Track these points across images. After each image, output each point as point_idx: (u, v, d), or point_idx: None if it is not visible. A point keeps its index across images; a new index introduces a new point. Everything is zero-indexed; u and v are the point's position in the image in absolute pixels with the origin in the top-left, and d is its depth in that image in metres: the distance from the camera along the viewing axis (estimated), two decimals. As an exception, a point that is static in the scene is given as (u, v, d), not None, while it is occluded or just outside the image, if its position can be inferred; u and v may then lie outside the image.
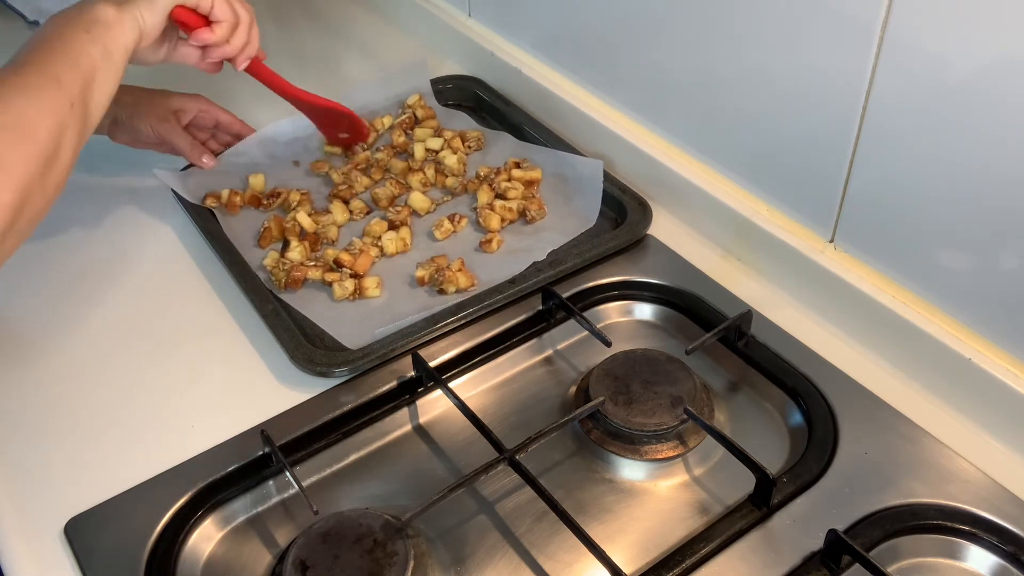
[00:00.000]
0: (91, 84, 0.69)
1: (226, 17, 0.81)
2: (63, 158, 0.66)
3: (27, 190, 0.62)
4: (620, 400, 0.73)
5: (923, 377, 0.75)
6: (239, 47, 0.84)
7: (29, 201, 0.63)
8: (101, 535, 0.66)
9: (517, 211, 0.92)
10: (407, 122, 1.05)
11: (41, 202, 0.65)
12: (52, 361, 0.81)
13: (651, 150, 0.94)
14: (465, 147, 1.02)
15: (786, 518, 0.66)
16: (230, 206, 0.94)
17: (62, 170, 0.67)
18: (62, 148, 0.66)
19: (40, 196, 0.64)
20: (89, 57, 0.70)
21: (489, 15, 1.14)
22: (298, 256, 0.87)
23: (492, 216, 0.90)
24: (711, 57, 0.84)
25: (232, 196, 0.94)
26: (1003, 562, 0.65)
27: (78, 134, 0.68)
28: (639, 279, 0.86)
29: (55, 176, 0.66)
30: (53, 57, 0.68)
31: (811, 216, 0.81)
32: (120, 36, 0.73)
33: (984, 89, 0.64)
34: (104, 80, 0.71)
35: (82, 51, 0.70)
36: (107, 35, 0.72)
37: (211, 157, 0.97)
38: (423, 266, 0.86)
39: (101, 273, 0.89)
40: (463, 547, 0.68)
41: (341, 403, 0.75)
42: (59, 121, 0.66)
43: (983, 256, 0.69)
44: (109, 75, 0.72)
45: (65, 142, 0.66)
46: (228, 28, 0.82)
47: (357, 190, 0.97)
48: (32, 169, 0.63)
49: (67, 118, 0.67)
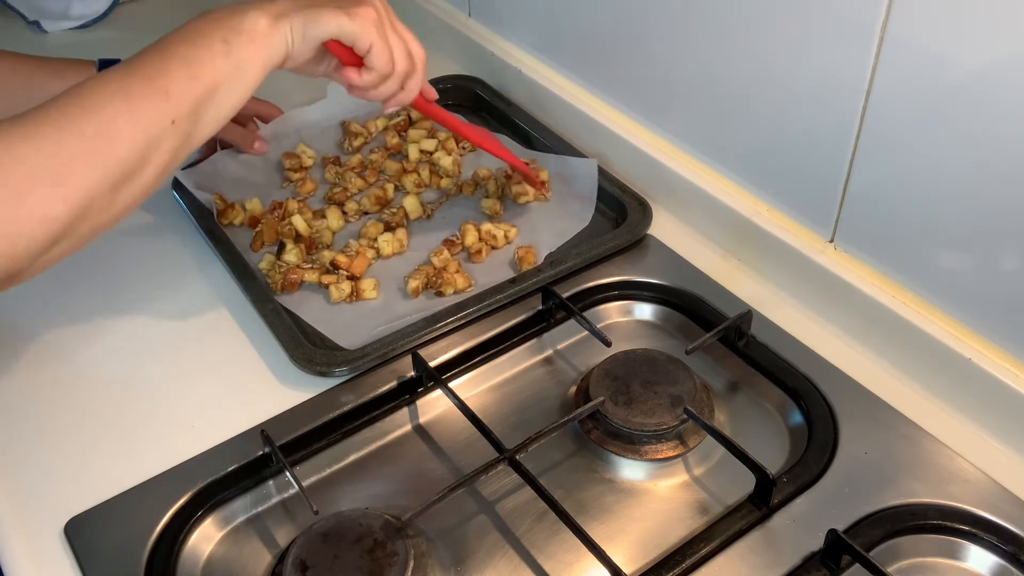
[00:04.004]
0: (208, 100, 0.64)
1: (379, 67, 0.74)
2: (146, 176, 0.61)
3: (88, 204, 0.59)
4: (620, 400, 0.73)
5: (923, 377, 0.75)
6: (385, 96, 0.77)
7: (89, 215, 0.59)
8: (101, 535, 0.66)
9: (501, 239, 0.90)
10: (401, 124, 1.05)
11: (105, 217, 0.61)
12: (51, 361, 0.81)
13: (651, 150, 0.94)
14: (460, 148, 1.02)
15: (786, 518, 0.66)
16: (225, 213, 0.93)
17: (142, 188, 0.62)
18: (148, 165, 0.61)
19: (105, 211, 0.60)
20: (214, 71, 0.64)
21: (489, 15, 1.14)
22: (294, 258, 0.87)
23: (470, 231, 0.89)
24: (711, 57, 0.84)
25: (229, 210, 0.93)
26: (1003, 562, 0.65)
27: (172, 152, 0.63)
28: (639, 279, 0.86)
29: (130, 193, 0.61)
30: (172, 64, 0.63)
31: (811, 216, 0.82)
32: (261, 52, 0.66)
33: (984, 89, 0.64)
34: (226, 97, 0.65)
35: (209, 63, 0.63)
36: (247, 48, 0.65)
37: (263, 142, 0.99)
38: (413, 277, 0.85)
39: (100, 273, 0.89)
40: (463, 547, 0.68)
41: (341, 403, 0.75)
42: (151, 136, 0.61)
43: (983, 256, 0.69)
44: (234, 92, 0.65)
45: (154, 159, 0.61)
46: (377, 78, 0.75)
47: (351, 191, 0.97)
48: (101, 184, 0.59)
49: (164, 134, 0.61)
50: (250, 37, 0.66)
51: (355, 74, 0.74)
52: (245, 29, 0.65)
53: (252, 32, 0.66)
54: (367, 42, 0.72)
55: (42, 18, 1.30)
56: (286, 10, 0.68)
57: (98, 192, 0.59)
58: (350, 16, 0.70)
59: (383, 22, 0.73)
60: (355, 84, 0.75)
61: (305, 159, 1.01)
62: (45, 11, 1.30)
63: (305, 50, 0.70)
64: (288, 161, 1.00)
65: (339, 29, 0.70)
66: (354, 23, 0.70)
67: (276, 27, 0.67)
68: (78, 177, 0.58)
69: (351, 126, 1.05)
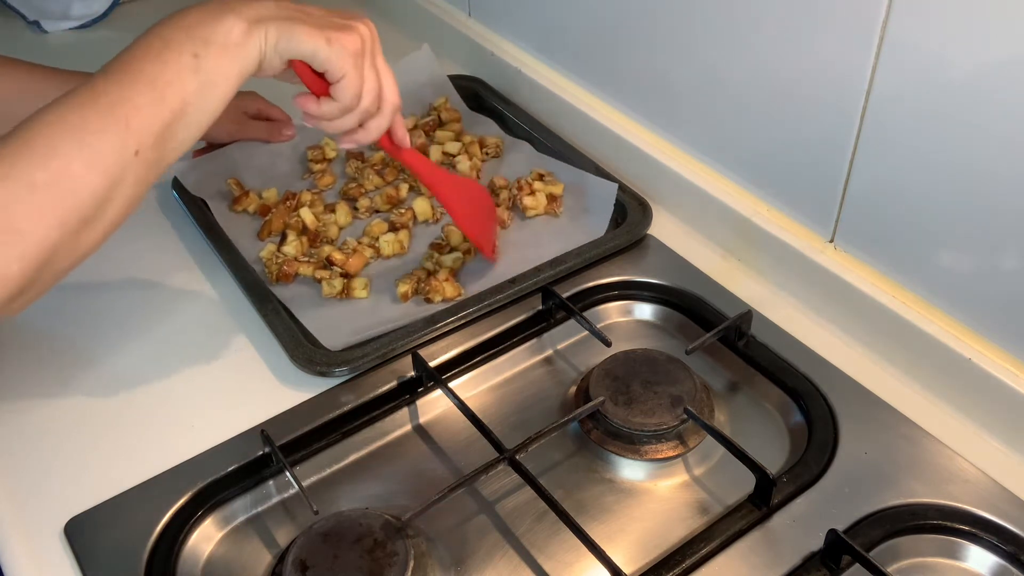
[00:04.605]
0: (176, 123, 0.59)
1: (344, 100, 0.68)
2: (110, 213, 0.58)
3: (49, 254, 0.55)
4: (620, 400, 0.73)
5: (923, 377, 0.75)
6: (339, 130, 0.71)
7: (52, 262, 0.56)
8: (101, 535, 0.66)
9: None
10: (431, 124, 1.04)
11: (70, 260, 0.57)
12: (51, 361, 0.81)
13: (651, 150, 0.94)
14: (482, 153, 1.01)
15: (786, 518, 0.66)
16: (239, 200, 0.94)
17: (106, 225, 0.58)
18: (110, 204, 0.57)
19: (68, 255, 0.57)
20: (183, 91, 0.59)
21: (489, 15, 1.15)
22: (293, 251, 0.87)
23: (453, 232, 0.89)
24: (711, 57, 0.84)
25: (244, 197, 0.94)
26: (1003, 562, 0.65)
27: (137, 184, 0.59)
28: (639, 279, 0.86)
29: (95, 233, 0.58)
30: (135, 89, 0.58)
31: (811, 216, 0.82)
32: (234, 63, 0.61)
33: (984, 88, 0.64)
34: (196, 116, 0.60)
35: (177, 83, 0.59)
36: (219, 60, 0.60)
37: (291, 128, 0.99)
38: (404, 281, 0.84)
39: (99, 273, 0.89)
40: (463, 547, 0.68)
41: (341, 403, 0.75)
42: (113, 175, 0.56)
43: (983, 256, 0.69)
44: (203, 112, 0.61)
45: (117, 196, 0.57)
46: (338, 111, 0.69)
47: (366, 188, 0.97)
48: (61, 235, 0.55)
49: (127, 169, 0.57)
50: (222, 48, 0.61)
51: (313, 103, 0.69)
52: (217, 40, 0.61)
53: (224, 42, 0.61)
54: (340, 73, 0.66)
55: (42, 18, 1.30)
56: (264, 16, 0.63)
57: (58, 243, 0.55)
58: (329, 41, 0.65)
59: (363, 54, 0.68)
60: (311, 112, 0.70)
61: (328, 151, 1.01)
62: (45, 11, 1.30)
63: (276, 63, 0.65)
64: (312, 152, 1.01)
65: (314, 53, 0.65)
66: (331, 49, 0.65)
67: (251, 35, 0.62)
68: (33, 233, 0.54)
69: None
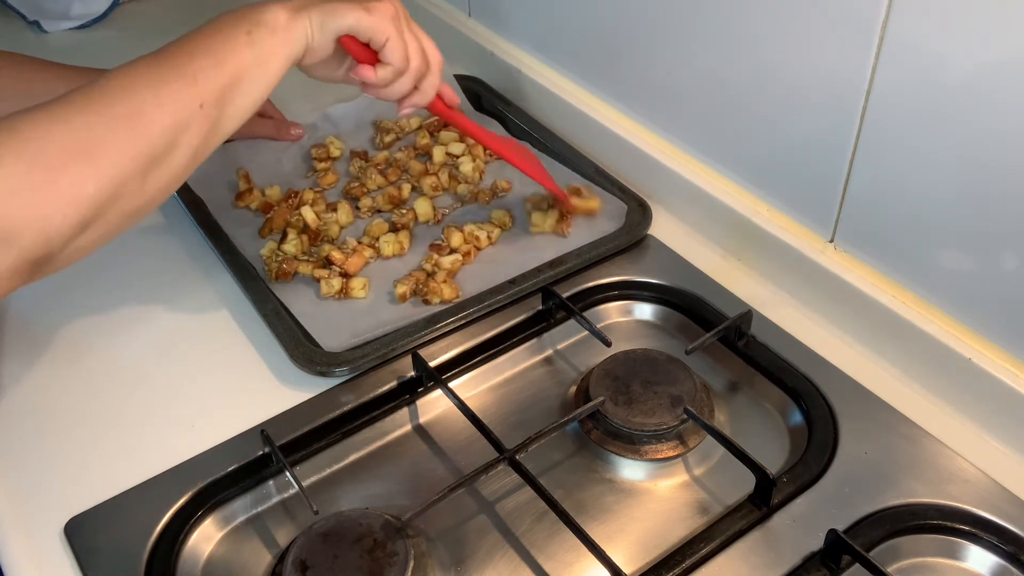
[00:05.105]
0: (233, 88, 0.65)
1: (395, 61, 0.75)
2: (176, 159, 0.62)
3: (119, 186, 0.59)
4: (620, 400, 0.73)
5: (923, 377, 0.75)
6: (398, 94, 0.78)
7: (120, 198, 0.60)
8: (101, 535, 0.66)
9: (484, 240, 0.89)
10: (435, 124, 1.04)
11: (138, 201, 0.61)
12: (51, 361, 0.81)
13: (651, 150, 0.94)
14: (486, 155, 1.01)
15: (786, 518, 0.66)
16: (243, 196, 0.94)
17: (173, 172, 0.63)
18: (177, 148, 0.62)
19: (136, 195, 0.61)
20: (239, 59, 0.65)
21: (489, 15, 1.15)
22: (293, 249, 0.87)
23: (454, 233, 0.89)
24: (711, 57, 0.84)
25: (247, 193, 0.95)
26: (1003, 562, 0.65)
27: (202, 137, 0.64)
28: (639, 279, 0.86)
29: (161, 177, 0.62)
30: (199, 52, 0.64)
31: (811, 216, 0.82)
32: (283, 45, 0.68)
33: (984, 88, 0.64)
34: (250, 87, 0.66)
35: (233, 52, 0.65)
36: (268, 41, 0.67)
37: (298, 127, 1.03)
38: (402, 282, 0.84)
39: (99, 273, 0.88)
40: (463, 547, 0.68)
41: (341, 403, 0.75)
42: (181, 120, 0.62)
43: (983, 256, 0.69)
44: (258, 83, 0.67)
45: (183, 142, 0.62)
46: (392, 74, 0.75)
47: (369, 188, 0.97)
48: (132, 166, 0.59)
49: (192, 118, 0.62)
50: (271, 30, 0.67)
51: (370, 71, 0.75)
52: (267, 22, 0.67)
53: (273, 25, 0.67)
54: (384, 36, 0.73)
55: (42, 18, 1.30)
56: (304, 5, 0.70)
57: (129, 174, 0.60)
58: (368, 11, 0.72)
59: (400, 18, 0.75)
60: (369, 81, 0.76)
61: (332, 150, 1.01)
62: (45, 11, 1.30)
63: (324, 43, 0.71)
64: (316, 151, 1.01)
65: (357, 23, 0.71)
66: (372, 17, 0.72)
67: (296, 20, 0.69)
68: (109, 157, 0.59)
69: (383, 123, 1.05)
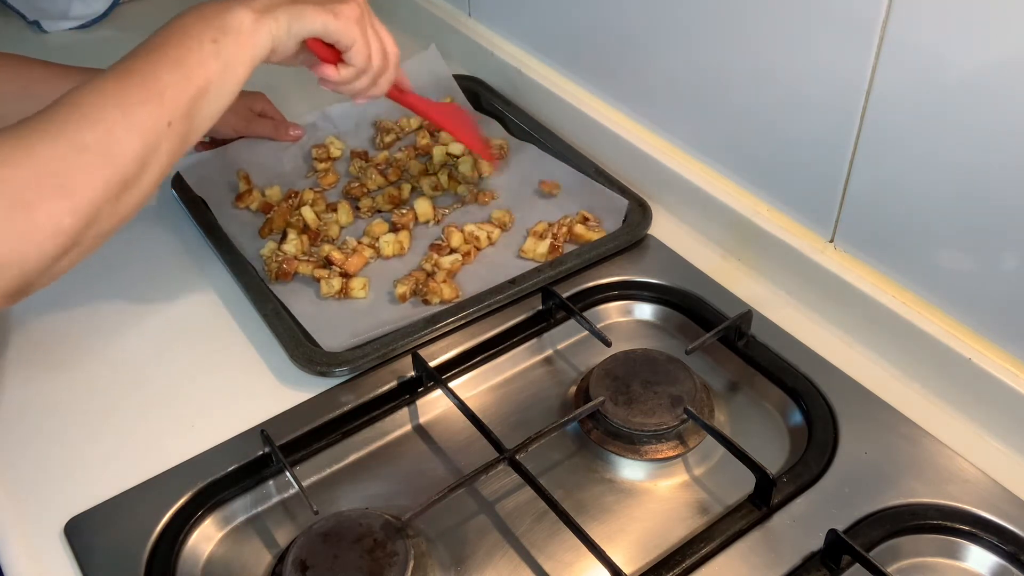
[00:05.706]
0: (201, 99, 0.65)
1: (358, 63, 0.76)
2: (146, 179, 0.63)
3: (94, 213, 0.60)
4: (620, 400, 0.73)
5: (923, 377, 0.75)
6: (358, 91, 0.80)
7: (95, 223, 0.60)
8: (101, 535, 0.66)
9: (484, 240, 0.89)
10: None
11: (112, 222, 0.62)
12: (51, 362, 0.81)
13: (651, 150, 0.94)
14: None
15: (786, 518, 0.66)
16: (243, 197, 0.94)
17: (144, 191, 0.63)
18: (148, 169, 0.62)
19: (110, 217, 0.61)
20: (206, 71, 0.65)
21: (489, 15, 1.14)
22: (293, 249, 0.87)
23: (454, 233, 0.89)
24: (711, 57, 0.84)
25: (247, 194, 0.95)
26: (1003, 562, 0.65)
27: (171, 154, 0.64)
28: (639, 279, 0.86)
29: (133, 198, 0.62)
30: (164, 67, 0.64)
31: (811, 216, 0.82)
32: (249, 49, 0.68)
33: (984, 88, 0.64)
34: (218, 95, 0.66)
35: (200, 64, 0.65)
36: (234, 48, 0.67)
37: (297, 128, 1.03)
38: (402, 282, 0.84)
39: (99, 273, 0.89)
40: (463, 547, 0.68)
41: (341, 403, 0.75)
42: (150, 142, 0.62)
43: (983, 256, 0.69)
44: (225, 90, 0.67)
45: (153, 162, 0.63)
46: (353, 75, 0.78)
47: (369, 188, 0.96)
48: (106, 193, 0.60)
49: (161, 138, 0.63)
50: (237, 35, 0.67)
51: (332, 71, 0.77)
52: (233, 28, 0.67)
53: (238, 30, 0.67)
54: (350, 41, 0.74)
55: (42, 18, 1.30)
56: (269, 6, 0.69)
57: (103, 201, 0.60)
58: (335, 15, 0.72)
59: (364, 19, 0.75)
60: (332, 79, 0.78)
61: (333, 150, 1.02)
62: (45, 11, 1.30)
63: (290, 45, 0.71)
64: (316, 151, 1.01)
65: (324, 28, 0.72)
66: (339, 21, 0.72)
67: (262, 23, 0.68)
68: (83, 189, 0.59)
69: (383, 123, 1.05)
